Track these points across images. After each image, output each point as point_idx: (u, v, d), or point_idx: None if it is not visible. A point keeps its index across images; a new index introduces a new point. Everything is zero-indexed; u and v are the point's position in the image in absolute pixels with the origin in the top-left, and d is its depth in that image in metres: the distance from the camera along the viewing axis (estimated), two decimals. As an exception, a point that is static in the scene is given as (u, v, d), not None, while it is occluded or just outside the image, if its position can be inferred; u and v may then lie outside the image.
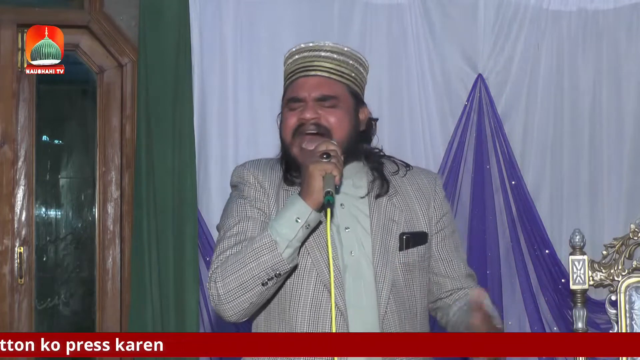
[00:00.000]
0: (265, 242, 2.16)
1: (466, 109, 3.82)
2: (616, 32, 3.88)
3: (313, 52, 2.37)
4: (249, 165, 2.36)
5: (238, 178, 2.37)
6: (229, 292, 2.16)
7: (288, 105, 2.32)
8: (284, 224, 2.17)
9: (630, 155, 3.86)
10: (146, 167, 3.63)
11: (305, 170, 2.18)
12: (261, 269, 2.15)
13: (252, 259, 2.16)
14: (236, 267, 2.16)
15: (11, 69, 3.81)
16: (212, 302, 2.21)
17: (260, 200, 2.29)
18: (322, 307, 2.24)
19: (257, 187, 2.31)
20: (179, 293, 3.61)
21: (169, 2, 3.66)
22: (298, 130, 2.29)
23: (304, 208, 2.17)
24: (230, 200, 2.36)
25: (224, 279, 2.16)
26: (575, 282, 3.07)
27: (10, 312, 3.77)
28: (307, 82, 2.33)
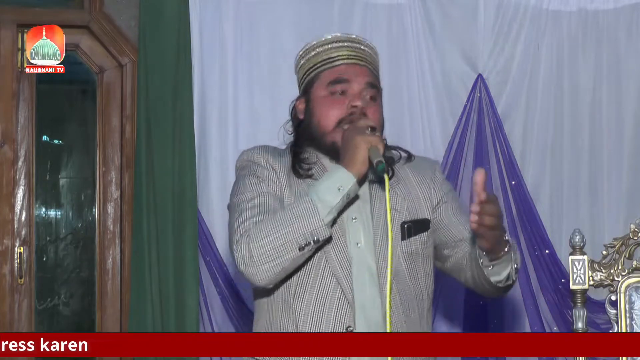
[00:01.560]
0: (307, 207, 2.14)
1: (466, 109, 3.82)
2: (616, 32, 3.88)
3: (353, 44, 2.36)
4: (258, 149, 2.36)
5: (247, 160, 2.35)
6: (264, 254, 2.13)
7: (329, 89, 2.30)
8: (326, 191, 2.15)
9: (630, 155, 3.86)
10: (146, 167, 3.63)
11: (349, 141, 2.18)
12: (300, 232, 2.13)
13: (291, 222, 2.13)
14: (274, 229, 2.13)
15: (11, 69, 3.81)
16: (240, 264, 2.16)
17: (272, 182, 2.29)
18: (329, 298, 2.23)
19: (269, 169, 2.31)
20: (179, 293, 3.61)
21: (169, 2, 3.66)
22: (344, 119, 2.28)
23: (347, 177, 2.16)
24: (240, 179, 2.34)
25: (259, 240, 2.13)
26: (575, 282, 3.07)
27: (10, 312, 3.77)
28: (352, 69, 2.32)
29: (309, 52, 2.37)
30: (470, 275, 2.34)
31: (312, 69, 2.35)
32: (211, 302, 3.67)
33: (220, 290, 3.66)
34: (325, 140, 2.31)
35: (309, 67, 2.36)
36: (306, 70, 2.37)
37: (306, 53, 2.38)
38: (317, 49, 2.36)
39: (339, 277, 2.23)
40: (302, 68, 2.39)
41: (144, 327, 3.57)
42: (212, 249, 3.66)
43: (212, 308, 3.67)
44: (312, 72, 2.35)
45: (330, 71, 2.32)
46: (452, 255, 2.39)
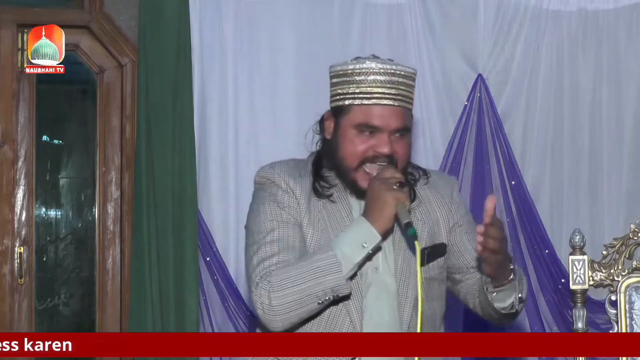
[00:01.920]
0: (331, 262, 2.14)
1: (466, 109, 3.82)
2: (616, 32, 3.87)
3: (389, 77, 2.26)
4: (278, 168, 2.31)
5: (267, 178, 2.32)
6: (284, 305, 2.14)
7: (358, 128, 2.25)
8: (350, 247, 2.15)
9: (630, 155, 3.86)
10: (146, 167, 3.63)
11: (378, 195, 2.16)
12: (321, 287, 2.14)
13: (314, 277, 2.14)
14: (296, 281, 2.14)
15: (11, 69, 3.81)
16: (259, 310, 2.17)
17: (292, 208, 2.26)
18: (338, 325, 2.24)
19: (289, 193, 2.28)
20: (179, 293, 3.61)
21: (169, 2, 3.66)
22: (368, 159, 2.25)
23: (373, 234, 2.16)
24: (259, 201, 2.30)
25: (281, 291, 2.14)
26: (575, 282, 3.06)
27: (10, 312, 3.77)
28: (386, 112, 2.25)
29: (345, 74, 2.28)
30: (477, 302, 2.37)
31: (345, 96, 2.27)
32: (211, 302, 3.67)
33: (220, 290, 3.66)
34: (348, 177, 2.28)
35: (343, 93, 2.28)
36: (339, 93, 2.29)
37: (342, 74, 2.29)
38: (356, 76, 2.26)
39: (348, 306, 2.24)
40: (337, 86, 2.30)
41: (144, 327, 3.56)
42: (212, 249, 3.66)
43: (212, 308, 3.67)
44: (345, 100, 2.27)
45: (362, 109, 2.25)
46: (463, 281, 2.40)
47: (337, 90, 2.31)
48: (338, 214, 2.29)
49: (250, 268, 2.21)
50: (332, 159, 2.31)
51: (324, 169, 2.33)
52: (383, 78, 2.25)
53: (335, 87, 2.32)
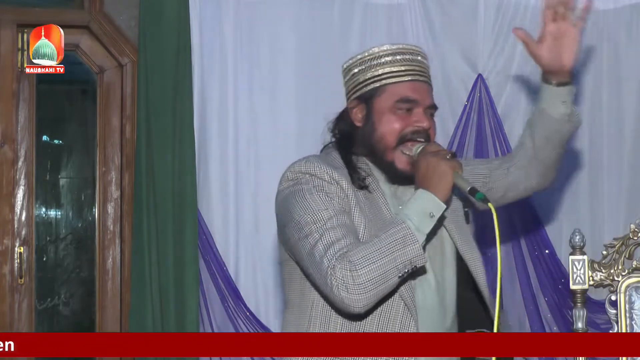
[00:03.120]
0: (406, 234, 2.15)
1: (466, 109, 3.82)
2: (616, 32, 3.87)
3: (415, 56, 2.37)
4: (315, 162, 2.30)
5: (306, 173, 2.29)
6: (370, 281, 2.12)
7: (397, 105, 2.31)
8: (419, 218, 2.18)
9: (630, 155, 3.86)
10: (146, 167, 3.63)
11: (435, 167, 2.21)
12: (401, 260, 2.14)
13: (393, 250, 2.14)
14: (377, 257, 2.13)
15: (11, 69, 3.81)
16: (341, 290, 2.12)
17: (341, 198, 2.26)
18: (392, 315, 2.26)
19: (334, 185, 2.27)
20: (179, 293, 3.61)
21: (169, 2, 3.66)
22: (407, 135, 2.30)
23: (438, 203, 2.20)
24: (303, 194, 2.26)
25: (364, 267, 2.12)
26: (575, 282, 3.07)
27: (10, 312, 3.77)
28: (419, 87, 2.34)
29: (369, 59, 2.36)
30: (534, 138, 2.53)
31: (377, 78, 2.34)
32: (211, 302, 3.67)
33: (220, 290, 3.66)
34: (385, 157, 2.32)
35: (373, 76, 2.34)
36: (368, 78, 2.35)
37: (366, 60, 2.36)
38: (382, 58, 2.34)
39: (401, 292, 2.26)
40: (362, 74, 2.36)
41: (144, 327, 3.56)
42: (212, 249, 3.66)
43: (212, 308, 3.67)
44: (377, 82, 2.33)
45: (398, 86, 2.32)
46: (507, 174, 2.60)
47: (361, 77, 2.35)
48: (376, 203, 2.32)
49: (317, 255, 2.16)
50: (367, 144, 2.34)
51: (353, 159, 2.35)
52: (410, 57, 2.35)
53: (359, 75, 2.36)
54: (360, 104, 2.37)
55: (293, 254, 2.30)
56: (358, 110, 2.37)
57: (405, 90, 2.32)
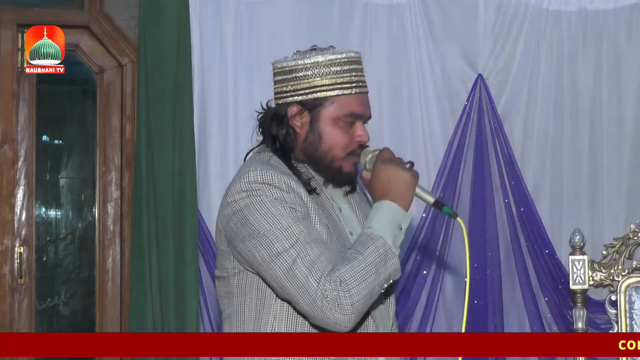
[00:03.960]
0: (386, 249, 2.14)
1: (466, 109, 3.82)
2: (616, 32, 3.88)
3: (357, 65, 2.32)
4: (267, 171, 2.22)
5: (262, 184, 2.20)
6: (360, 301, 2.11)
7: (345, 120, 2.26)
8: (391, 231, 2.16)
9: (630, 155, 3.86)
10: (146, 167, 3.63)
11: (397, 177, 2.18)
12: (384, 276, 2.14)
13: (377, 266, 2.12)
14: (365, 275, 2.11)
15: (11, 69, 3.81)
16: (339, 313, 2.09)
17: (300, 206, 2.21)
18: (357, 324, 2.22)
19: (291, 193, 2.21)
20: (179, 293, 3.61)
21: (169, 2, 3.66)
22: (354, 151, 2.27)
23: (405, 215, 2.18)
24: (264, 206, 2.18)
25: (357, 287, 2.10)
26: (575, 282, 3.07)
27: (10, 312, 3.77)
28: (364, 100, 2.30)
29: (318, 67, 2.29)
30: None
31: (325, 88, 2.27)
32: (211, 302, 3.67)
33: (220, 290, 3.66)
34: (333, 165, 2.28)
35: (321, 85, 2.28)
36: (315, 86, 2.28)
37: (312, 66, 2.30)
38: (331, 67, 2.28)
39: None
40: (308, 80, 2.29)
41: (144, 327, 3.57)
42: (212, 249, 3.66)
43: (212, 308, 3.67)
44: (326, 92, 2.27)
45: (346, 98, 2.27)
46: None
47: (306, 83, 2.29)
48: (325, 207, 2.28)
49: (299, 275, 2.11)
50: (311, 154, 2.29)
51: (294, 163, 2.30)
52: (356, 67, 2.30)
53: (303, 80, 2.29)
54: (304, 111, 2.30)
55: (259, 271, 2.19)
56: (300, 116, 2.30)
57: (353, 104, 2.27)
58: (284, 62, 2.35)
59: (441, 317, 3.79)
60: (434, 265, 3.77)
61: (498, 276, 3.79)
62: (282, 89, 2.35)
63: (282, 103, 2.35)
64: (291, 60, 2.33)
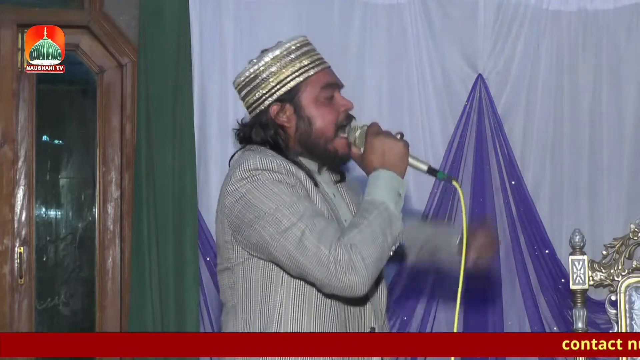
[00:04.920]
0: (390, 213, 2.18)
1: (466, 109, 3.82)
2: (616, 32, 3.88)
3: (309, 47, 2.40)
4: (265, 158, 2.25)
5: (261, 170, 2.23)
6: (372, 263, 2.14)
7: (322, 93, 2.31)
8: (391, 198, 2.20)
9: (630, 155, 3.86)
10: (146, 167, 3.63)
11: (391, 147, 2.23)
12: (391, 237, 2.18)
13: (384, 229, 2.16)
14: (374, 238, 2.14)
15: (11, 69, 3.81)
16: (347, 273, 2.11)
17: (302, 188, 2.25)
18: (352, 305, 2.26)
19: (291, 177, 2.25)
20: (179, 293, 3.61)
21: (169, 2, 3.67)
22: (342, 122, 2.32)
23: (402, 182, 2.24)
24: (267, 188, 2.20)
25: (367, 250, 2.13)
26: (575, 282, 3.07)
27: (10, 312, 3.77)
28: (331, 72, 2.37)
29: (278, 60, 2.34)
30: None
31: (295, 74, 2.32)
32: (211, 302, 3.67)
33: (220, 290, 3.66)
34: (327, 148, 2.31)
35: (290, 73, 2.32)
36: (284, 78, 2.32)
37: (273, 63, 2.34)
38: (289, 56, 2.34)
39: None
40: (274, 76, 2.33)
41: (144, 327, 3.57)
42: (212, 249, 3.66)
43: (212, 308, 3.67)
44: (297, 78, 2.32)
45: (317, 76, 2.33)
46: None
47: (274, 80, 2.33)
48: (322, 193, 2.31)
49: (310, 245, 2.13)
50: (305, 141, 2.32)
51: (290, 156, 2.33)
52: (309, 48, 2.38)
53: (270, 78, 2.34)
54: (284, 105, 2.32)
55: (268, 250, 2.20)
56: (283, 112, 2.32)
57: (323, 78, 2.33)
58: (243, 73, 2.39)
59: (441, 317, 3.79)
60: (433, 266, 3.77)
61: (498, 276, 3.79)
62: (254, 98, 2.37)
63: (259, 111, 2.36)
64: (249, 68, 2.38)
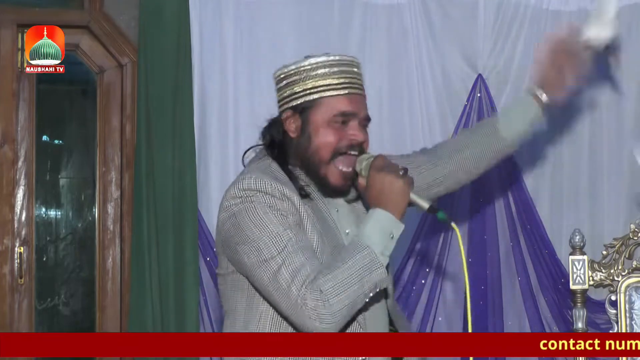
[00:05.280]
0: (372, 259, 2.15)
1: (466, 109, 3.82)
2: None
3: (351, 68, 2.34)
4: (261, 178, 2.25)
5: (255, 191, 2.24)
6: (339, 311, 2.13)
7: (334, 119, 2.28)
8: (381, 240, 2.17)
9: (630, 155, 3.85)
10: (146, 167, 3.63)
11: (390, 185, 2.19)
12: (369, 286, 2.15)
13: (361, 276, 2.14)
14: (347, 285, 2.13)
15: (11, 69, 3.81)
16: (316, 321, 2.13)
17: (293, 214, 2.24)
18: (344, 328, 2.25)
19: (285, 200, 2.24)
20: (179, 293, 3.61)
21: (169, 2, 3.66)
22: (341, 149, 2.29)
23: (397, 224, 2.20)
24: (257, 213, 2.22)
25: (336, 296, 2.12)
26: (575, 282, 3.07)
27: (10, 312, 3.77)
28: (356, 100, 2.32)
29: (306, 70, 2.32)
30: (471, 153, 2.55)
31: (313, 91, 2.31)
32: (211, 302, 3.67)
33: (220, 290, 3.66)
34: (319, 171, 2.30)
35: (309, 88, 2.31)
36: (304, 90, 2.32)
37: (302, 71, 2.33)
38: (319, 70, 2.31)
39: None
40: (298, 84, 2.33)
41: (144, 327, 3.56)
42: (212, 249, 3.66)
43: (212, 308, 3.67)
44: (314, 94, 2.31)
45: (335, 99, 2.30)
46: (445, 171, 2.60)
47: (296, 88, 2.33)
48: (320, 212, 2.31)
49: (283, 282, 2.14)
50: (302, 156, 2.32)
51: (291, 169, 2.33)
52: (346, 69, 2.32)
53: (294, 85, 2.33)
54: (295, 114, 2.34)
55: (247, 274, 2.24)
56: (292, 120, 2.34)
57: (342, 104, 2.29)
58: (280, 70, 2.39)
59: (441, 317, 3.79)
60: (433, 266, 3.77)
61: (498, 276, 3.78)
62: (281, 96, 2.39)
63: (280, 110, 2.39)
64: (285, 67, 2.37)
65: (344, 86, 2.30)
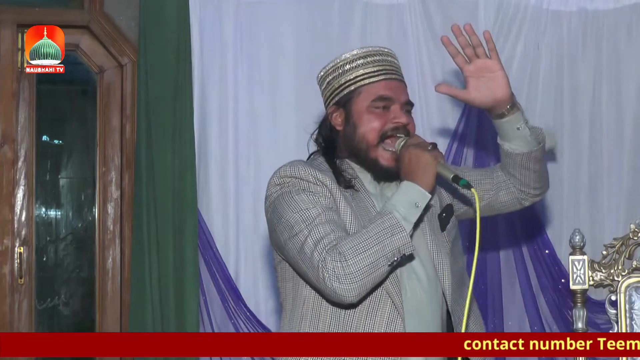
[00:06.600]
0: (394, 223, 2.19)
1: (466, 109, 3.82)
2: (616, 32, 3.88)
3: (385, 57, 2.44)
4: (300, 166, 2.35)
5: (291, 178, 2.34)
6: (360, 270, 2.16)
7: (374, 104, 2.36)
8: (405, 208, 2.22)
9: (630, 155, 3.86)
10: (146, 167, 3.63)
11: (418, 158, 2.26)
12: (390, 248, 2.18)
13: (381, 239, 2.18)
14: (365, 246, 2.17)
15: (11, 69, 3.81)
16: (333, 281, 2.16)
17: (327, 197, 2.31)
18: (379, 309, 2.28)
19: (320, 185, 2.32)
20: (179, 293, 3.61)
21: (169, 3, 3.67)
22: (387, 132, 2.36)
23: (423, 193, 2.25)
24: (291, 196, 2.31)
25: (354, 257, 2.16)
26: (575, 282, 3.06)
27: (10, 312, 3.77)
28: (393, 85, 2.40)
29: (342, 65, 2.41)
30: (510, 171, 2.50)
31: (351, 82, 2.40)
32: (211, 302, 3.67)
33: (220, 290, 3.66)
34: (369, 155, 2.37)
35: (347, 80, 2.40)
36: (343, 83, 2.41)
37: (339, 66, 2.42)
38: (354, 62, 2.40)
39: (387, 288, 2.28)
40: (337, 80, 2.42)
41: (144, 327, 3.57)
42: (212, 249, 3.66)
43: (212, 308, 3.67)
44: (352, 86, 2.39)
45: (372, 86, 2.38)
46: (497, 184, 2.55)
47: (336, 83, 2.42)
48: (363, 202, 2.36)
49: (308, 250, 2.21)
50: (350, 145, 2.39)
51: (338, 162, 2.40)
52: (380, 58, 2.43)
53: (333, 81, 2.43)
54: (339, 108, 2.42)
55: (284, 254, 2.33)
56: (337, 115, 2.42)
57: (379, 89, 2.37)
58: (319, 73, 2.48)
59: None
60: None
61: (498, 276, 3.79)
62: (324, 96, 2.48)
63: (327, 109, 2.47)
64: (323, 68, 2.47)
65: (380, 73, 2.39)
